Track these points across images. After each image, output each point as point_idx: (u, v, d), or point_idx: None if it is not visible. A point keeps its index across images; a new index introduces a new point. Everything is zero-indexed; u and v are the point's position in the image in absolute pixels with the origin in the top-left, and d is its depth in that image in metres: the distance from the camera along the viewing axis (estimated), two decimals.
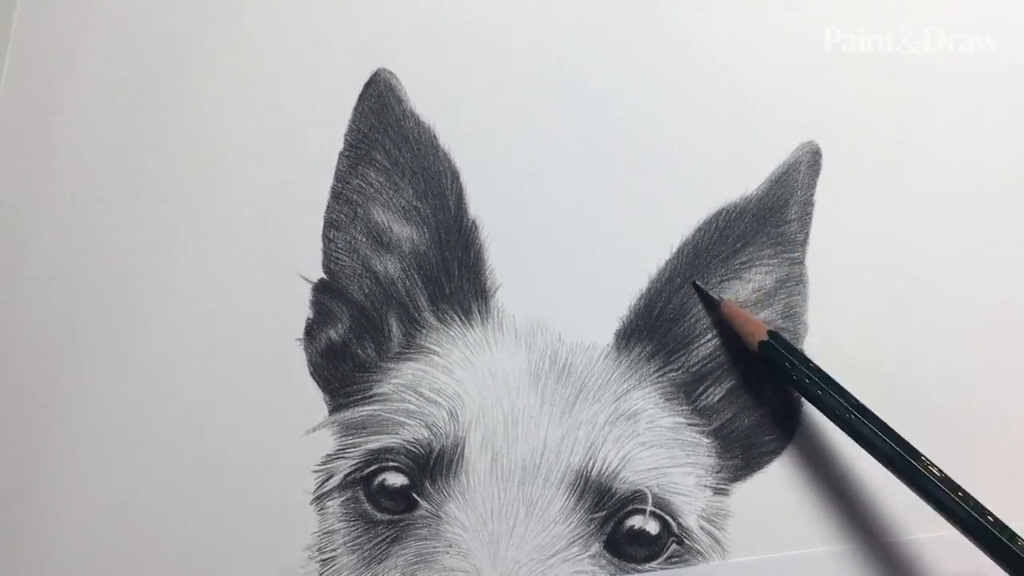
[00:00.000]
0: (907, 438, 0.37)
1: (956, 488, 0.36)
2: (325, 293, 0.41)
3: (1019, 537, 0.35)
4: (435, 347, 0.41)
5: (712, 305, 0.41)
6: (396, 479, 0.40)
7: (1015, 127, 0.42)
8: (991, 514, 0.35)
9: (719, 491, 0.40)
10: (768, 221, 0.41)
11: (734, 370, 0.41)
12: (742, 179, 0.41)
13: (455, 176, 0.41)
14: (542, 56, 0.42)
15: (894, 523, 0.40)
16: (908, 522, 0.40)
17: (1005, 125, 0.42)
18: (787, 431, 0.41)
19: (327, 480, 0.40)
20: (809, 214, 0.41)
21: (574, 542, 0.39)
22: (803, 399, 0.40)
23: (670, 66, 0.42)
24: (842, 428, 0.38)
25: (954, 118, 0.42)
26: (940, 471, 0.36)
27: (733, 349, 0.41)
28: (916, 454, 0.36)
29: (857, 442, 0.37)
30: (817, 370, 0.38)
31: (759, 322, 0.40)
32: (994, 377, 0.41)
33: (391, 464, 0.40)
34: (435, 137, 0.41)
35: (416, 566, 0.39)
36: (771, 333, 0.39)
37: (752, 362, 0.40)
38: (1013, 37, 0.42)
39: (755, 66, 0.42)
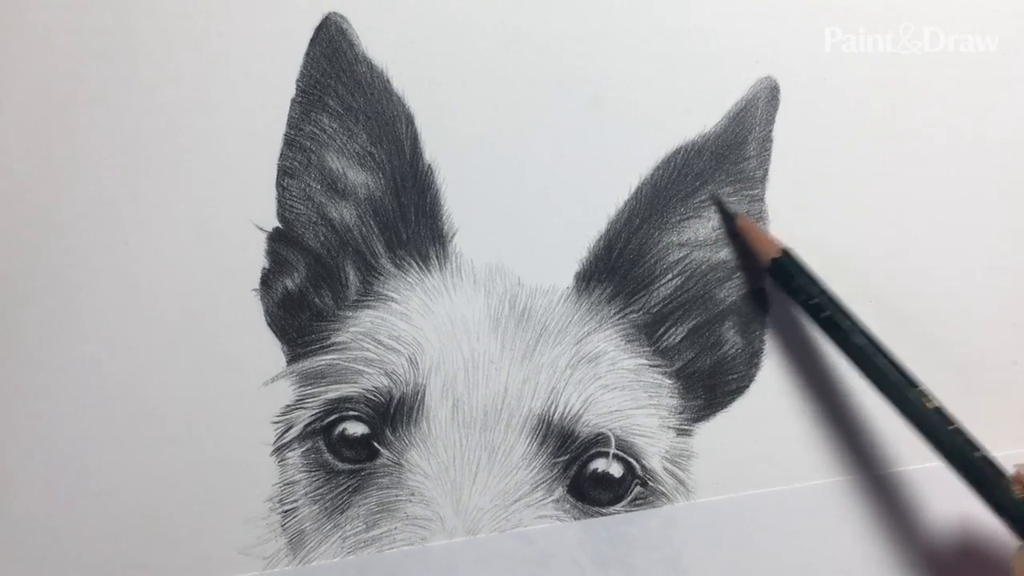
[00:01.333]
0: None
1: (948, 421, 0.36)
2: (280, 242, 0.40)
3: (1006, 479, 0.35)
4: (393, 294, 0.40)
5: (729, 218, 0.40)
6: (356, 428, 0.39)
7: (1015, 127, 0.41)
8: (980, 449, 0.35)
9: (682, 432, 0.40)
10: (727, 158, 0.41)
11: (695, 309, 0.41)
12: (700, 117, 0.41)
13: (410, 120, 0.41)
14: None
15: (858, 459, 0.40)
16: (873, 458, 0.40)
17: (1005, 125, 0.41)
18: (750, 370, 0.40)
19: (287, 431, 0.40)
20: (768, 151, 0.41)
21: (537, 487, 0.39)
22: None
23: (626, 4, 0.41)
24: (845, 352, 0.38)
25: (953, 117, 0.41)
26: (934, 404, 0.36)
27: (747, 267, 0.41)
28: (912, 384, 0.37)
29: (858, 367, 0.37)
30: (824, 292, 0.38)
31: (772, 240, 0.40)
32: (959, 310, 0.41)
33: (351, 413, 0.40)
34: (388, 81, 0.41)
35: (378, 515, 0.39)
36: (784, 251, 0.39)
37: (718, 298, 0.41)
38: (1013, 37, 0.41)
39: (713, 3, 0.41)
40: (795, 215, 0.41)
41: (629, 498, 0.40)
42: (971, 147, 0.41)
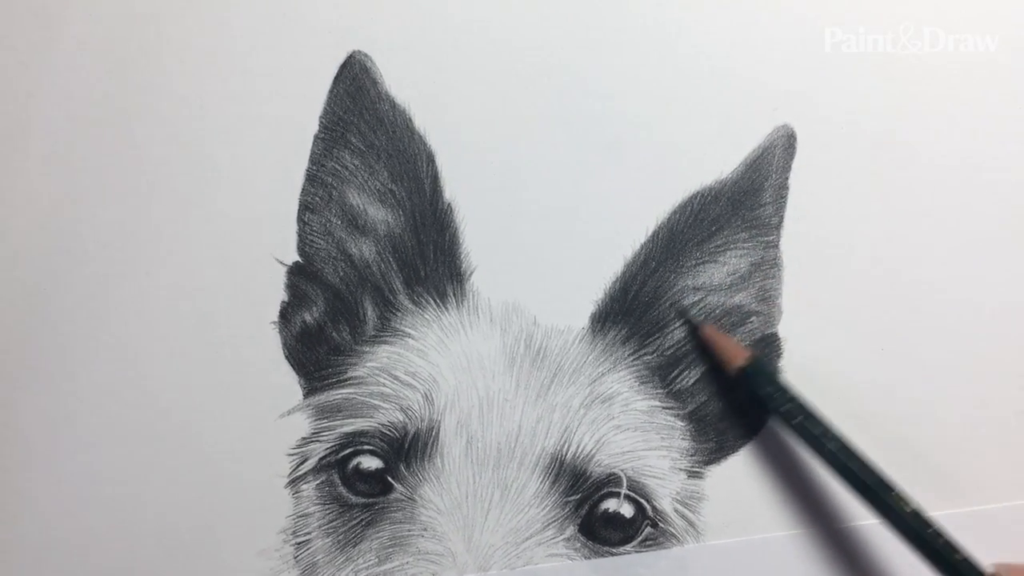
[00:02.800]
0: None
1: (927, 524, 0.36)
2: (300, 276, 0.41)
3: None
4: (410, 330, 0.41)
5: (693, 328, 0.41)
6: (371, 462, 0.40)
7: (1015, 127, 0.42)
8: (959, 551, 0.36)
9: (693, 474, 0.40)
10: (743, 204, 0.41)
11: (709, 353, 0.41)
12: (717, 162, 0.41)
13: (430, 159, 0.41)
14: (519, 39, 0.42)
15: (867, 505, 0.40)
16: None
17: (1005, 125, 0.42)
18: (761, 414, 0.41)
19: (302, 463, 0.40)
20: (784, 197, 0.41)
21: (549, 525, 0.39)
22: None
23: (647, 49, 0.42)
24: (820, 456, 0.38)
25: (953, 117, 0.42)
26: (911, 507, 0.36)
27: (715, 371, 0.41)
28: (888, 489, 0.37)
29: (834, 472, 0.38)
30: (793, 399, 0.38)
31: (738, 347, 0.40)
32: (966, 363, 0.41)
33: (366, 447, 0.40)
34: (410, 120, 0.41)
35: (391, 549, 0.39)
36: (751, 359, 0.39)
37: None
38: (1013, 37, 0.42)
39: (732, 50, 0.42)
40: (809, 263, 0.41)
41: (639, 539, 0.40)
42: (970, 148, 0.42)
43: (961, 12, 0.42)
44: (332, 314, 0.41)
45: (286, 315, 0.41)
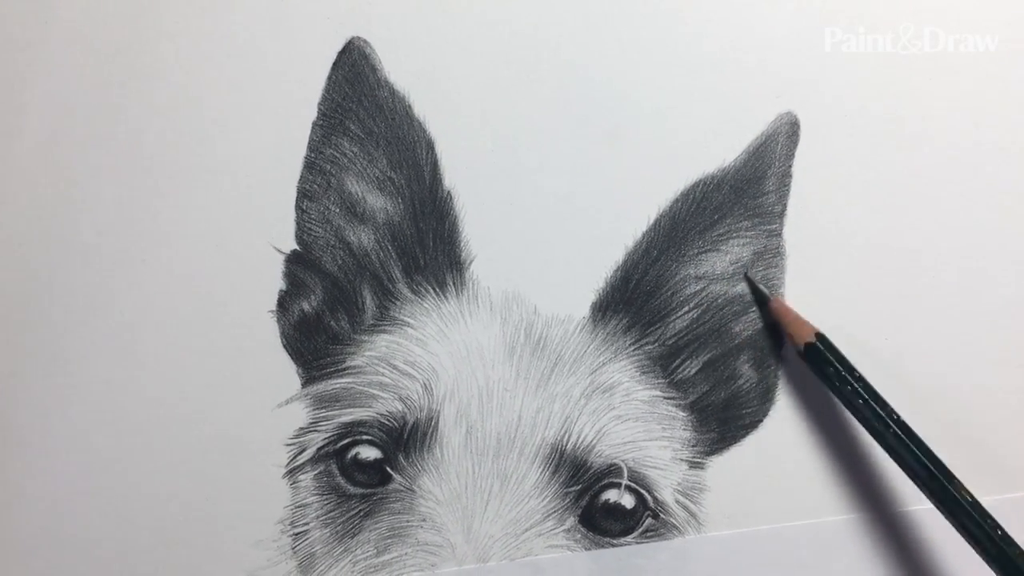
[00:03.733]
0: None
1: (986, 515, 0.35)
2: (298, 264, 0.40)
3: None
4: (409, 319, 0.40)
5: (762, 300, 0.40)
6: (369, 452, 0.39)
7: (1015, 127, 0.42)
8: (1019, 547, 0.35)
9: (695, 465, 0.40)
10: (746, 193, 0.41)
11: (711, 343, 0.41)
12: (720, 150, 0.41)
13: (430, 146, 0.41)
14: (518, 26, 0.41)
15: (871, 497, 0.40)
16: (885, 496, 0.40)
17: (1005, 125, 0.42)
18: (764, 405, 0.40)
19: (299, 453, 0.40)
20: (787, 186, 0.41)
21: (549, 516, 0.39)
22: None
23: (649, 36, 0.41)
24: (878, 442, 0.38)
25: (953, 117, 0.41)
26: (972, 497, 0.36)
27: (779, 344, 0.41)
28: (951, 477, 0.36)
29: (892, 458, 0.37)
30: (861, 379, 0.38)
31: (807, 323, 0.39)
32: (970, 351, 0.41)
33: (364, 437, 0.40)
34: (410, 107, 0.41)
35: (389, 540, 0.39)
36: (818, 336, 0.39)
37: (734, 331, 0.41)
38: (1013, 37, 0.42)
39: (735, 37, 0.41)
40: (812, 251, 0.41)
41: (640, 530, 0.40)
42: (971, 148, 0.41)
43: (961, 12, 0.41)
44: (330, 303, 0.41)
45: (284, 304, 0.40)
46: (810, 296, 0.41)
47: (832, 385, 0.38)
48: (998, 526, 0.35)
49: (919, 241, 0.41)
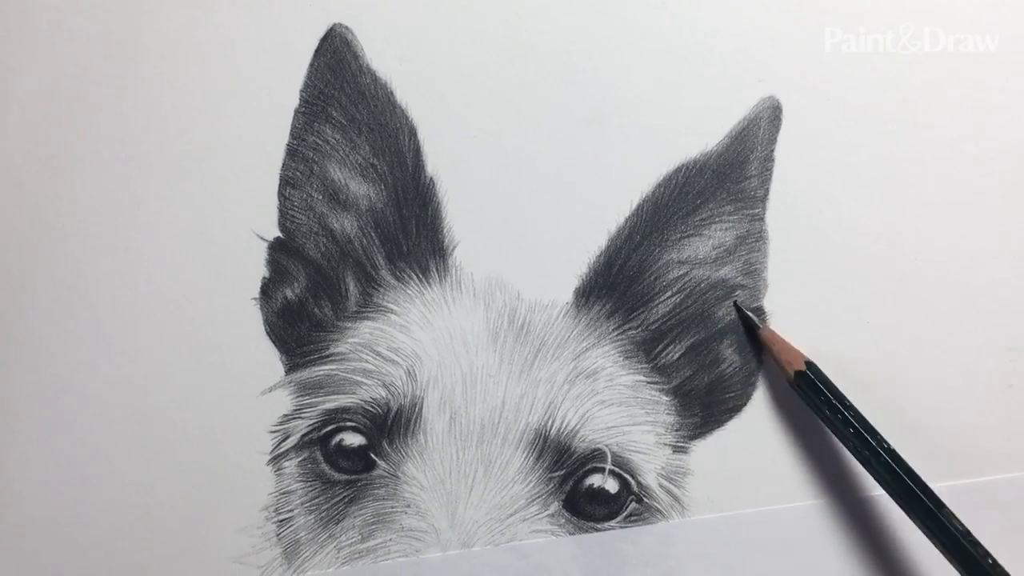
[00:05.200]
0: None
1: (977, 544, 0.35)
2: (281, 252, 0.40)
3: None
4: (393, 306, 0.40)
5: (751, 328, 0.40)
6: (353, 439, 0.39)
7: (1014, 127, 0.42)
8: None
9: (679, 449, 0.40)
10: (728, 177, 0.41)
11: (693, 327, 0.41)
12: (702, 135, 0.41)
13: (412, 133, 0.41)
14: (500, 12, 0.41)
15: (852, 480, 0.40)
16: (868, 479, 0.40)
17: (1004, 125, 0.41)
18: (746, 389, 0.40)
19: (284, 440, 0.40)
20: (769, 170, 0.41)
21: (533, 501, 0.39)
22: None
23: (630, 21, 0.41)
24: (869, 471, 0.38)
25: (953, 117, 0.41)
26: (963, 526, 0.36)
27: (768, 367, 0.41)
28: (940, 506, 0.36)
29: (882, 486, 0.37)
30: (851, 408, 0.38)
31: (796, 351, 0.39)
32: (952, 336, 0.41)
33: (348, 424, 0.40)
34: (392, 93, 0.41)
35: (374, 526, 0.39)
36: (809, 364, 0.39)
37: (717, 316, 0.41)
38: (1013, 37, 0.42)
39: (717, 21, 0.41)
40: (795, 235, 0.41)
41: (624, 514, 0.40)
42: (971, 148, 0.41)
43: (961, 12, 0.41)
44: (314, 290, 0.41)
45: (267, 291, 0.40)
46: (793, 280, 0.41)
47: (822, 414, 0.38)
48: (988, 554, 0.35)
49: (904, 221, 0.41)
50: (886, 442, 0.37)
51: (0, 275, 0.40)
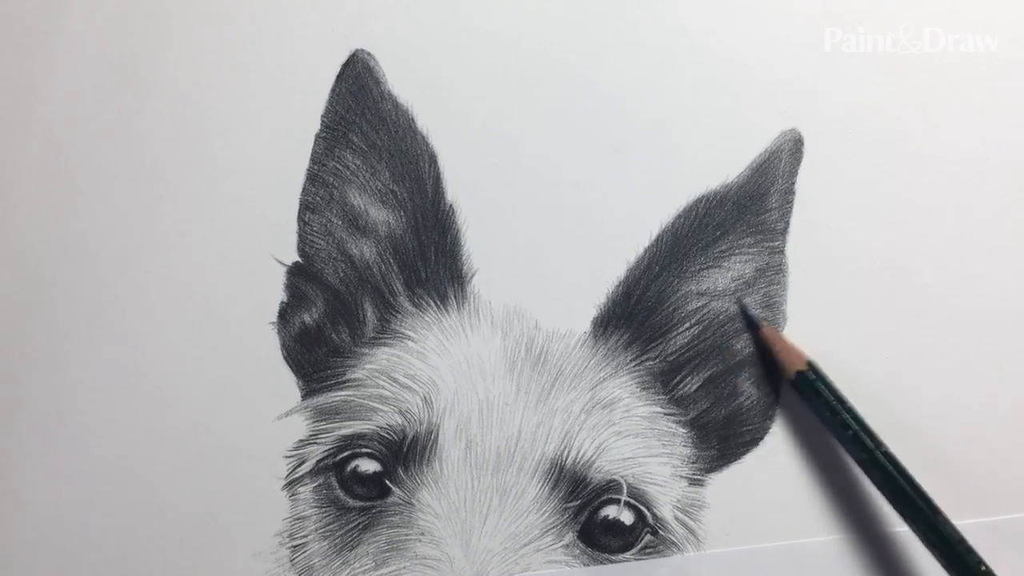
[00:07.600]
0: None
1: (969, 550, 0.36)
2: (299, 276, 0.41)
3: None
4: (410, 333, 0.40)
5: (753, 326, 0.40)
6: (369, 465, 0.39)
7: (1015, 127, 0.41)
8: None
9: (695, 482, 0.40)
10: (748, 209, 0.41)
11: (711, 359, 0.40)
12: (723, 166, 0.41)
13: (433, 160, 0.41)
14: (523, 40, 0.41)
15: (871, 515, 0.40)
16: (886, 514, 0.40)
17: (1005, 125, 0.41)
18: (764, 422, 0.40)
19: (299, 466, 0.40)
20: (790, 203, 0.41)
21: (547, 531, 0.39)
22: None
23: (652, 51, 0.41)
24: (866, 472, 0.38)
25: (953, 117, 0.41)
26: (958, 533, 0.36)
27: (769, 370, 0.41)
28: (935, 511, 0.36)
29: (879, 489, 0.37)
30: (850, 410, 0.38)
31: (797, 351, 0.39)
32: (974, 368, 0.41)
33: (364, 450, 0.39)
34: (413, 120, 0.41)
35: (388, 553, 0.39)
36: (809, 364, 0.39)
37: (735, 348, 0.41)
38: (1013, 37, 0.41)
39: (739, 53, 0.41)
40: (815, 269, 0.41)
41: (639, 546, 0.40)
42: (971, 148, 0.41)
43: (961, 12, 0.42)
44: (331, 315, 0.41)
45: (285, 316, 0.40)
46: (812, 313, 0.40)
47: (821, 414, 0.38)
48: (981, 561, 0.35)
49: (924, 254, 0.41)
50: (884, 446, 0.37)
51: (22, 296, 0.40)
